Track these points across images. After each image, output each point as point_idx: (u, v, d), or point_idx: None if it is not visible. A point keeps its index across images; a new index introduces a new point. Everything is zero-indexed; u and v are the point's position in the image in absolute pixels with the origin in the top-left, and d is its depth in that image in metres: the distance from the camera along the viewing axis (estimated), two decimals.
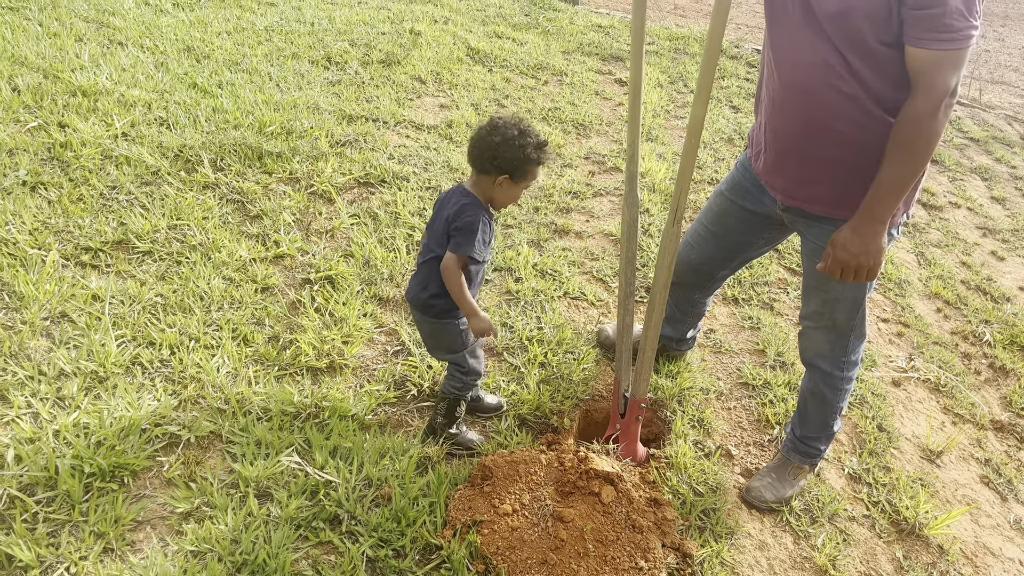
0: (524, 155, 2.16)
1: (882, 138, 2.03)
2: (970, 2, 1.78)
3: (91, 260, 3.04)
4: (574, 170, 4.66)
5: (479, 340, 2.46)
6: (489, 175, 2.20)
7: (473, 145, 2.22)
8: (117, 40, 4.92)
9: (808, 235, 2.33)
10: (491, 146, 2.16)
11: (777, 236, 2.58)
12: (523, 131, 2.17)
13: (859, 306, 2.35)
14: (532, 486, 2.24)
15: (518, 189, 2.24)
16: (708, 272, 2.76)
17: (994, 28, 12.41)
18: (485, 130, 2.20)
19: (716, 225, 2.61)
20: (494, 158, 2.16)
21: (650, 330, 2.42)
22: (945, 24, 1.77)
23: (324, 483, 2.26)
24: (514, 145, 2.15)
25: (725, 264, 2.72)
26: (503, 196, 2.24)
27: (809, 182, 2.21)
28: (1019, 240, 5.11)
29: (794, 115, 2.14)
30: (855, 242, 2.03)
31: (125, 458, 2.21)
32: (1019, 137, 7.19)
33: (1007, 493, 2.97)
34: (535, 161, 2.20)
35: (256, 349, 2.79)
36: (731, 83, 7.01)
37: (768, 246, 2.66)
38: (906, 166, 1.94)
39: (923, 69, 1.85)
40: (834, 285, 2.31)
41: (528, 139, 2.17)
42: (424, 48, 5.99)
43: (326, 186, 3.79)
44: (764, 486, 2.59)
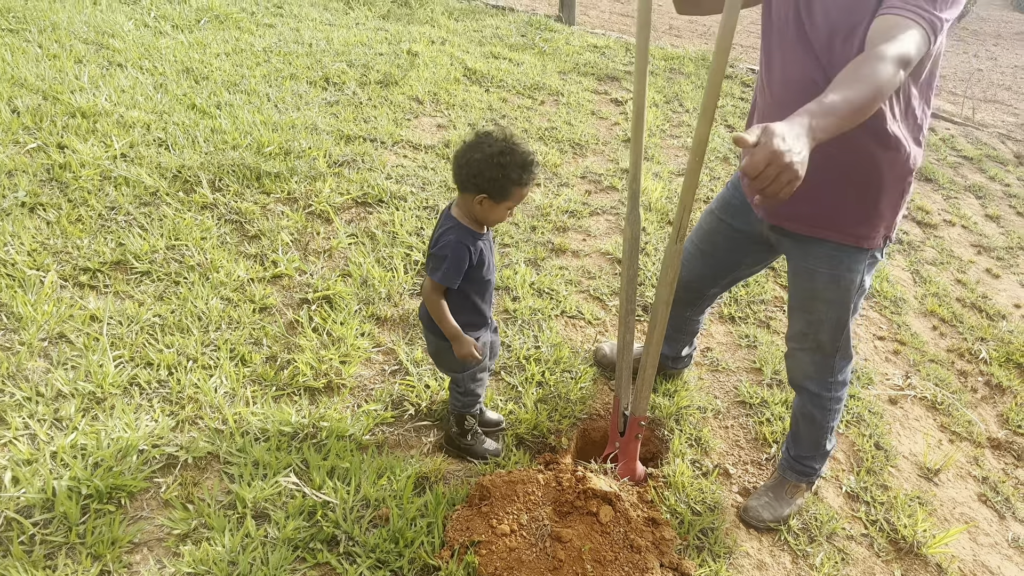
0: (504, 175, 2.03)
1: (867, 160, 2.06)
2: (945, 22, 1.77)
3: (89, 281, 3.05)
4: (571, 189, 4.68)
5: (481, 364, 2.46)
6: (469, 193, 2.11)
7: (454, 160, 2.11)
8: (116, 62, 4.96)
9: (793, 255, 2.35)
10: (470, 163, 2.05)
11: (766, 256, 2.60)
12: (506, 149, 2.03)
13: (843, 327, 2.36)
14: (530, 506, 2.24)
15: (501, 209, 2.12)
16: (698, 290, 2.77)
17: (986, 48, 12.53)
18: (468, 145, 2.08)
19: (705, 244, 2.64)
20: (473, 176, 2.06)
21: (651, 347, 2.43)
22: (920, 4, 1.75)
23: (322, 504, 2.25)
24: (494, 164, 2.02)
25: (715, 282, 2.73)
26: (484, 216, 2.15)
27: (794, 201, 2.23)
28: (1014, 258, 5.14)
29: None
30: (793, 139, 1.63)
31: (122, 479, 2.21)
32: (1012, 155, 7.25)
33: (1005, 511, 2.97)
34: (516, 182, 2.06)
35: (254, 369, 2.79)
36: (726, 102, 7.06)
37: (757, 266, 2.68)
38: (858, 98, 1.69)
39: (890, 27, 1.75)
40: (818, 306, 2.32)
41: (511, 158, 2.03)
42: (421, 69, 6.03)
43: (324, 206, 3.81)
44: (762, 505, 2.59)
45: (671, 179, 5.15)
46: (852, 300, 2.31)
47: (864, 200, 2.16)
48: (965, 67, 10.70)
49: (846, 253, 2.24)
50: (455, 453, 2.61)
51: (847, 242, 2.22)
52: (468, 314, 2.32)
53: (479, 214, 2.15)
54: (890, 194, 2.16)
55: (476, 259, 2.19)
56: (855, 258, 2.24)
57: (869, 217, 2.18)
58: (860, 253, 2.24)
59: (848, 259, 2.24)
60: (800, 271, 2.33)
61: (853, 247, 2.22)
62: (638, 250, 2.46)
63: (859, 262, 2.25)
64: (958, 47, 12.22)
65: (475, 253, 2.18)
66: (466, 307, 2.30)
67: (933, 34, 1.76)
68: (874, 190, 2.14)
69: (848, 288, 2.28)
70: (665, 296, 2.35)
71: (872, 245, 2.22)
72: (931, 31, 1.75)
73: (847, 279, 2.26)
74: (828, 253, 2.25)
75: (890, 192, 2.15)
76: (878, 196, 2.15)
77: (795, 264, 2.35)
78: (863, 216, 2.18)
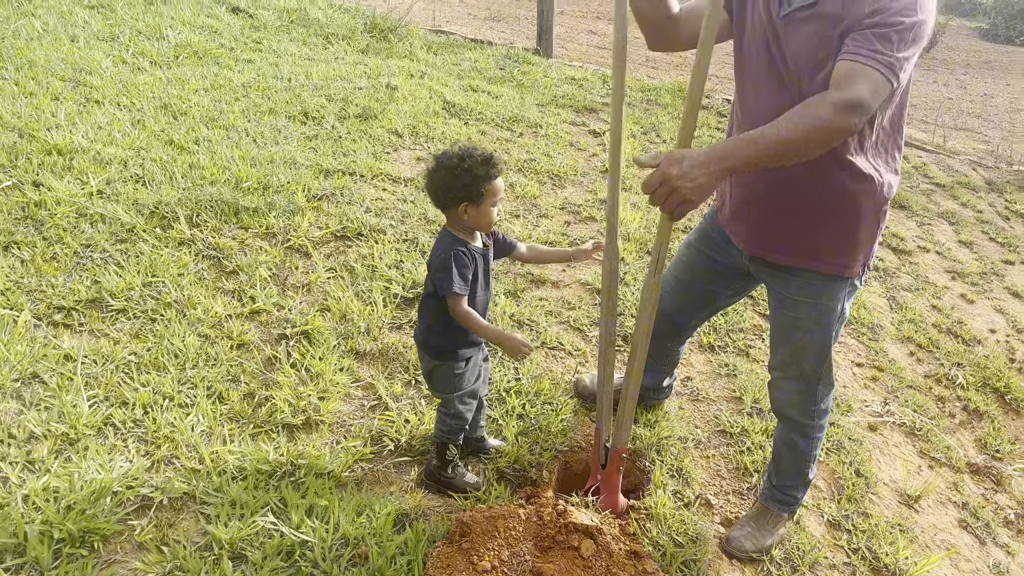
0: (472, 176, 2.16)
1: (843, 192, 2.10)
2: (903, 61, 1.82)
3: (64, 319, 3.02)
4: (550, 220, 4.71)
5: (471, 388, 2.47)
6: (452, 208, 2.23)
7: (426, 188, 2.26)
8: (94, 98, 4.95)
9: (773, 286, 2.37)
10: (439, 182, 2.20)
11: (745, 287, 2.63)
12: (462, 155, 2.18)
13: (825, 355, 2.38)
14: (511, 541, 2.22)
15: (486, 209, 2.23)
16: (678, 321, 2.78)
17: (956, 76, 12.80)
18: (430, 170, 2.23)
19: (684, 275, 2.66)
20: (447, 191, 2.19)
21: (632, 379, 2.44)
22: (876, 48, 1.80)
23: (300, 543, 2.22)
24: (458, 171, 2.16)
25: (695, 313, 2.75)
26: (476, 223, 2.25)
27: (772, 232, 2.27)
28: (987, 283, 5.21)
29: (759, 175, 2.19)
30: (690, 166, 1.82)
31: (95, 522, 2.17)
32: (984, 182, 7.37)
33: (985, 537, 2.98)
34: (485, 177, 2.19)
35: (231, 407, 2.76)
36: (702, 132, 7.15)
37: (736, 296, 2.71)
38: (786, 133, 1.80)
39: (845, 74, 1.81)
40: (801, 335, 2.35)
41: (470, 160, 2.17)
42: (401, 102, 6.07)
43: (303, 240, 3.81)
44: (744, 536, 2.58)
45: (649, 209, 5.19)
46: (834, 328, 2.34)
47: (842, 230, 2.19)
48: (936, 96, 10.92)
49: (826, 282, 2.26)
50: (435, 488, 2.59)
51: (827, 271, 2.25)
52: (460, 333, 2.35)
53: (470, 223, 2.26)
54: (867, 223, 2.19)
55: (473, 272, 2.27)
56: (835, 287, 2.27)
57: (847, 246, 2.21)
58: (840, 281, 2.27)
59: (828, 288, 2.27)
60: (781, 301, 2.36)
61: (833, 276, 2.26)
62: (617, 283, 2.47)
63: (839, 290, 2.28)
64: (928, 76, 12.48)
65: (470, 260, 2.25)
66: (457, 326, 2.32)
67: (893, 75, 1.80)
68: (851, 220, 2.17)
69: (829, 316, 2.30)
70: (645, 328, 2.36)
71: (851, 273, 2.26)
72: (889, 73, 1.80)
73: (828, 308, 2.29)
74: (808, 283, 2.27)
75: (867, 222, 2.19)
76: (855, 226, 2.18)
77: (776, 294, 2.38)
78: (842, 246, 2.21)
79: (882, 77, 1.79)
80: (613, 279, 2.46)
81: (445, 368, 2.40)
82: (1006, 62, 14.92)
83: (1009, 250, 5.83)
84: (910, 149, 8.03)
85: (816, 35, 1.93)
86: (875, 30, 1.81)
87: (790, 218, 2.22)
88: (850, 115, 1.78)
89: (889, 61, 1.79)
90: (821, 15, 1.92)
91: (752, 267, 2.42)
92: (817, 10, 1.93)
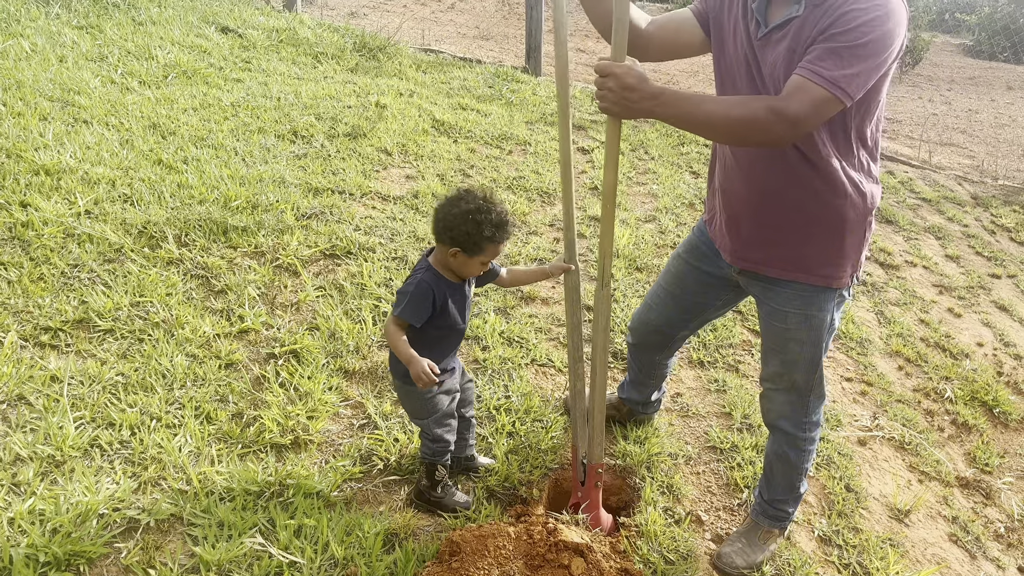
0: (478, 231, 2.14)
1: (828, 205, 2.13)
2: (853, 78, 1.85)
3: (51, 340, 3.00)
4: (539, 237, 4.72)
5: (447, 409, 2.46)
6: (444, 244, 2.21)
7: (435, 212, 2.23)
8: (82, 119, 4.95)
9: (763, 298, 2.39)
10: (448, 217, 2.17)
11: (734, 298, 2.65)
12: (483, 208, 2.15)
13: (816, 366, 2.39)
14: (501, 560, 2.20)
15: (475, 264, 2.23)
16: (668, 333, 2.80)
17: (940, 92, 12.93)
18: (449, 200, 2.21)
19: (674, 286, 2.68)
20: (448, 229, 2.17)
21: (596, 392, 2.45)
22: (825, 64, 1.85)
23: (288, 564, 2.21)
24: (469, 219, 2.13)
25: (684, 325, 2.77)
26: (458, 268, 2.25)
27: (762, 245, 2.29)
28: (974, 297, 5.24)
29: (743, 180, 2.25)
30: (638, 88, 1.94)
31: (81, 545, 2.15)
32: (969, 196, 7.44)
33: (975, 551, 2.98)
34: (489, 239, 2.17)
35: (219, 427, 2.75)
36: (690, 149, 7.19)
37: (726, 308, 2.73)
38: (717, 114, 1.93)
39: (792, 87, 1.88)
40: (792, 346, 2.36)
41: (487, 216, 2.15)
42: (390, 120, 6.09)
43: (292, 259, 3.80)
44: (735, 552, 2.58)
45: (638, 225, 5.22)
46: (824, 339, 2.35)
47: (829, 242, 2.22)
48: (921, 112, 11.02)
49: (815, 294, 2.29)
50: (425, 508, 2.58)
51: (816, 283, 2.27)
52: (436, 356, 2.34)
53: (453, 266, 2.25)
54: (853, 234, 2.22)
55: (440, 305, 2.25)
56: (824, 297, 2.30)
57: (835, 258, 2.24)
58: (829, 292, 2.29)
59: (818, 299, 2.29)
60: (771, 313, 2.38)
61: (822, 287, 2.28)
62: (580, 298, 2.49)
63: (828, 301, 2.31)
64: (913, 92, 12.60)
65: (439, 298, 2.24)
66: (435, 347, 2.33)
67: (840, 91, 1.84)
68: (838, 231, 2.20)
69: (819, 328, 2.32)
70: (602, 342, 2.40)
71: (840, 284, 2.28)
72: (835, 89, 1.84)
73: (818, 319, 2.31)
74: (798, 294, 2.29)
75: (853, 232, 2.22)
76: (842, 237, 2.21)
77: (766, 307, 2.39)
78: (830, 257, 2.24)
79: (827, 94, 1.84)
80: (575, 294, 2.48)
81: (414, 393, 2.37)
82: (990, 78, 15.09)
83: (995, 264, 5.87)
84: (896, 164, 8.09)
85: (789, 51, 1.99)
86: (828, 44, 1.87)
87: (784, 233, 2.24)
88: (780, 125, 1.87)
89: (835, 77, 1.84)
90: (794, 33, 1.98)
91: (742, 280, 2.45)
92: (791, 28, 1.99)
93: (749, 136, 1.96)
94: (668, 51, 2.36)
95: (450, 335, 2.38)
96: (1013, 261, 5.98)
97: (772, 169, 2.15)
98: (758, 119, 1.89)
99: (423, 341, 2.28)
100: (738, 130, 1.94)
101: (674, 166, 6.71)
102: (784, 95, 1.89)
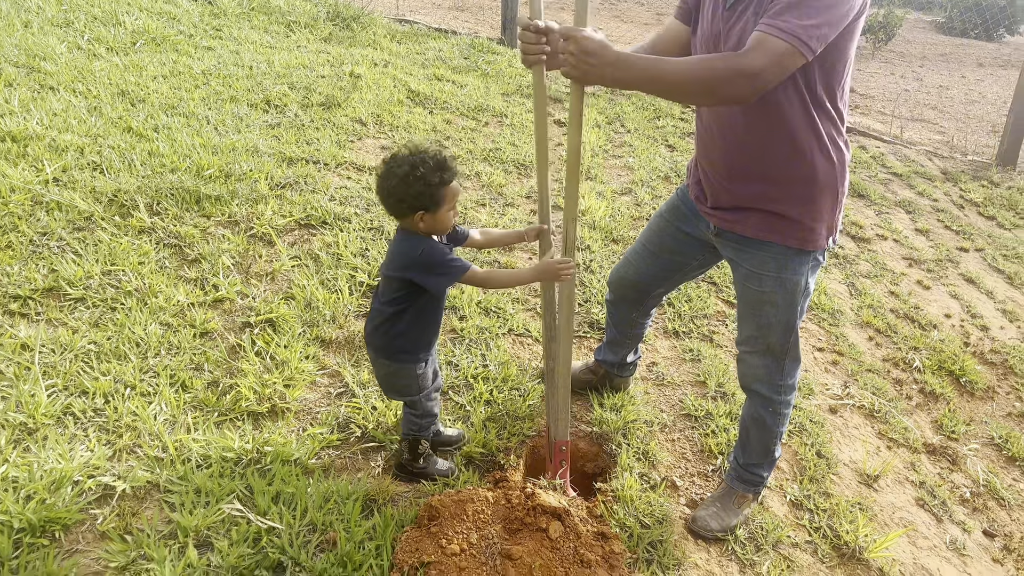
0: (426, 184, 2.07)
1: (803, 162, 2.17)
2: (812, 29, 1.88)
3: (20, 308, 2.95)
4: (516, 209, 4.71)
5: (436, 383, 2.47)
6: (407, 216, 2.14)
7: (377, 195, 2.15)
8: (48, 85, 4.84)
9: (740, 261, 2.42)
10: (391, 190, 2.09)
11: (710, 259, 2.69)
12: (415, 161, 2.07)
13: (791, 330, 2.43)
14: (480, 525, 2.22)
15: (443, 214, 2.15)
16: (644, 288, 2.84)
17: (912, 69, 13.04)
18: (381, 176, 2.12)
19: (653, 244, 2.72)
20: (400, 200, 2.10)
21: (561, 366, 2.46)
22: (785, 18, 1.88)
23: (267, 530, 2.21)
24: (411, 179, 2.06)
25: (661, 282, 2.81)
26: (432, 228, 2.18)
27: (739, 203, 2.33)
28: (943, 270, 5.33)
29: (720, 141, 2.30)
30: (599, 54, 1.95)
31: (56, 512, 2.13)
32: (939, 171, 7.53)
33: (942, 515, 3.06)
34: (440, 183, 2.09)
35: (195, 395, 2.73)
36: (667, 123, 7.20)
37: (701, 268, 2.77)
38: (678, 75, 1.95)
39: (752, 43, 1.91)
40: (767, 309, 2.40)
41: (424, 167, 2.07)
42: (364, 91, 6.02)
43: (266, 228, 3.76)
44: (709, 516, 2.62)
45: (614, 198, 5.23)
46: (799, 302, 2.38)
47: (802, 202, 2.25)
48: (893, 87, 11.11)
49: (790, 256, 2.32)
50: (407, 479, 2.58)
51: (791, 244, 2.30)
52: (432, 332, 2.36)
53: (427, 230, 2.19)
54: (825, 194, 2.25)
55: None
56: (799, 260, 2.33)
57: (809, 219, 2.27)
58: (803, 255, 2.33)
59: (792, 261, 2.33)
60: (747, 276, 2.41)
61: (797, 249, 2.31)
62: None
63: (803, 264, 2.34)
64: (886, 68, 12.70)
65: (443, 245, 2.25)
66: (432, 321, 2.33)
67: (802, 43, 1.87)
68: (810, 192, 2.24)
69: (794, 291, 2.36)
70: (567, 313, 2.40)
71: (815, 247, 2.31)
72: (796, 42, 1.87)
73: (792, 281, 2.34)
74: (773, 256, 2.33)
75: (825, 192, 2.25)
76: (814, 197, 2.24)
77: (742, 270, 2.42)
78: (804, 218, 2.27)
79: (788, 47, 1.87)
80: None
81: (407, 370, 2.36)
82: (961, 55, 15.25)
83: (963, 238, 5.96)
84: (868, 139, 8.17)
85: (754, 16, 2.01)
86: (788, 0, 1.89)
87: (754, 190, 2.29)
88: (740, 79, 1.90)
89: (793, 29, 1.86)
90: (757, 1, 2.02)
91: (718, 241, 2.48)
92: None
93: (711, 93, 1.98)
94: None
95: (442, 302, 2.37)
96: (981, 235, 6.08)
97: (747, 131, 2.19)
98: (717, 76, 1.92)
99: (427, 318, 2.29)
100: (699, 88, 1.97)
101: (650, 139, 6.72)
102: (743, 50, 1.91)
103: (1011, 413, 3.86)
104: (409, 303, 2.25)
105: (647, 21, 13.76)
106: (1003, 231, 6.28)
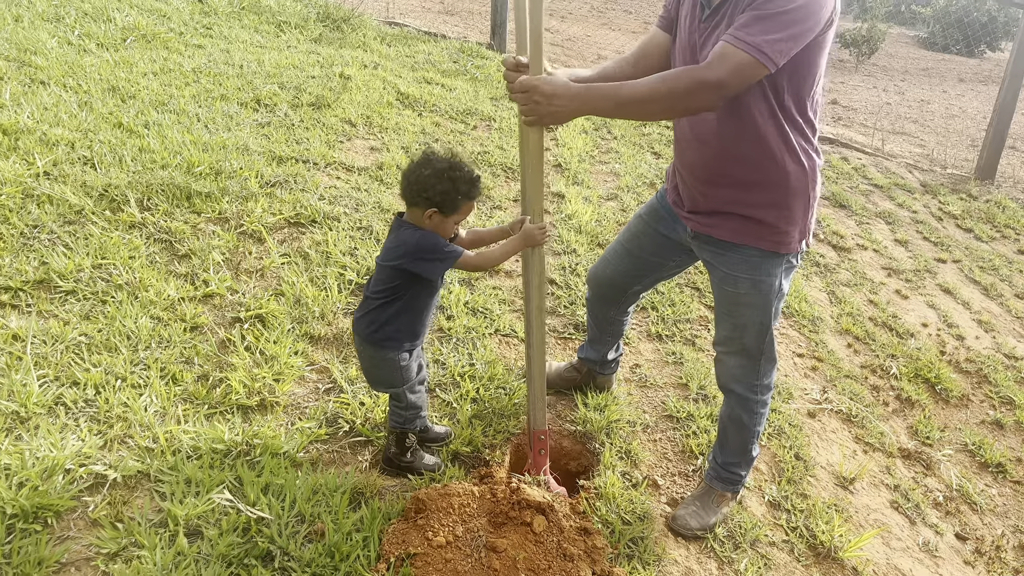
0: (454, 188, 2.18)
1: (775, 168, 2.24)
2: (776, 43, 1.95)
3: (11, 300, 2.97)
4: (503, 212, 4.77)
5: (420, 376, 2.51)
6: (419, 207, 2.22)
7: (404, 177, 2.24)
8: (39, 79, 4.84)
9: (716, 264, 2.49)
10: (421, 179, 2.18)
11: (687, 261, 2.77)
12: (454, 164, 2.19)
13: (766, 331, 2.50)
14: (465, 518, 2.27)
15: (449, 223, 2.26)
16: (621, 287, 2.90)
17: (895, 83, 13.23)
18: (417, 163, 2.22)
19: (631, 244, 2.79)
20: (424, 190, 2.18)
21: (533, 351, 2.52)
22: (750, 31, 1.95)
23: (256, 520, 2.24)
24: (444, 178, 2.16)
25: (638, 281, 2.88)
26: (436, 229, 2.26)
27: (714, 209, 2.41)
28: (921, 280, 5.43)
29: (697, 147, 2.37)
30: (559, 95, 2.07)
31: (48, 499, 2.16)
32: (919, 184, 7.67)
33: (915, 517, 3.13)
34: (466, 195, 2.21)
35: (185, 388, 2.76)
36: (652, 130, 7.29)
37: (678, 269, 2.85)
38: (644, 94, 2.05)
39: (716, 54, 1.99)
40: (742, 311, 2.47)
41: (459, 172, 2.19)
42: (354, 92, 6.06)
43: (256, 226, 3.79)
44: (689, 514, 2.68)
45: (600, 203, 5.30)
46: (773, 303, 2.46)
47: (776, 207, 2.33)
48: (875, 100, 11.28)
49: (764, 259, 2.40)
50: (394, 472, 2.62)
51: (765, 248, 2.38)
52: (419, 323, 2.39)
53: (430, 228, 2.26)
54: (798, 199, 2.33)
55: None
56: (773, 263, 2.40)
57: (783, 223, 2.35)
58: (777, 258, 2.40)
59: (766, 264, 2.40)
60: (723, 278, 2.48)
61: (771, 253, 2.38)
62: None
63: (777, 267, 2.41)
64: (868, 82, 12.87)
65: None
66: (422, 312, 2.38)
67: (764, 56, 1.95)
68: (783, 197, 2.31)
69: (768, 292, 2.43)
70: (537, 301, 2.46)
71: (788, 250, 2.38)
72: (759, 55, 1.94)
73: (767, 284, 2.42)
74: (747, 259, 2.40)
75: (797, 197, 2.32)
76: (788, 203, 2.32)
77: (718, 272, 2.49)
78: (778, 223, 2.34)
79: (750, 59, 1.95)
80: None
81: (390, 360, 2.40)
82: (943, 70, 15.48)
83: (941, 249, 6.08)
84: (850, 151, 8.30)
85: (726, 29, 2.08)
86: (755, 12, 1.97)
87: (728, 196, 2.36)
88: (704, 91, 1.99)
89: (757, 43, 1.94)
90: (730, 11, 2.10)
91: (694, 244, 2.56)
92: (728, 6, 2.11)
93: (677, 107, 2.08)
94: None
95: (434, 297, 2.42)
96: (958, 247, 6.20)
97: (720, 136, 2.26)
98: (679, 90, 2.01)
99: (419, 309, 2.34)
100: (665, 105, 2.06)
101: (636, 146, 6.80)
102: (706, 63, 1.99)
103: (984, 420, 3.96)
104: (401, 293, 2.32)
105: (635, 29, 13.88)
106: (980, 243, 6.41)
